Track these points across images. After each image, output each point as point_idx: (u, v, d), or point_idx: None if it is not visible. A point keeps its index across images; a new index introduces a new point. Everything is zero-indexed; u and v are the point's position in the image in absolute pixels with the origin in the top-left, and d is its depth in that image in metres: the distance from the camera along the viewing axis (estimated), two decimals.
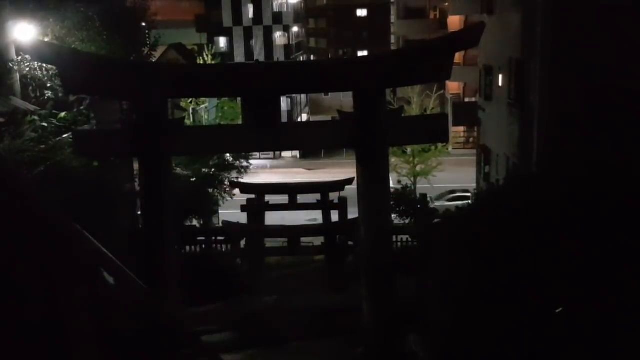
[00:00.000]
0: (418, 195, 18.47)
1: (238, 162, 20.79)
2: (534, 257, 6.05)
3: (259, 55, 47.40)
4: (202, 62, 34.47)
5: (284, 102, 42.60)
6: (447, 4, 43.88)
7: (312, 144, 13.96)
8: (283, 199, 16.92)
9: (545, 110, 13.00)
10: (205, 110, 32.33)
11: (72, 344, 2.66)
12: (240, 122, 11.79)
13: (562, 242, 5.93)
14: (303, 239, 15.41)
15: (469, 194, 29.44)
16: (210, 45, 39.58)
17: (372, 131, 9.56)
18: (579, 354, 5.21)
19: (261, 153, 36.71)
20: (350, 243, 14.92)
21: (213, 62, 34.57)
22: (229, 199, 19.37)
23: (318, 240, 16.15)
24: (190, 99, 28.44)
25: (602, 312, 5.17)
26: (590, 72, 12.02)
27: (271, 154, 40.92)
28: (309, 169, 40.13)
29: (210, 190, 18.60)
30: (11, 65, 12.77)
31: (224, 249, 15.55)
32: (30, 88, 13.28)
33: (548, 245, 6.05)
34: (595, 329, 5.13)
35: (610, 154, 8.24)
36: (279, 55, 47.62)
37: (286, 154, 42.66)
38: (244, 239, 15.49)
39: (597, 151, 10.17)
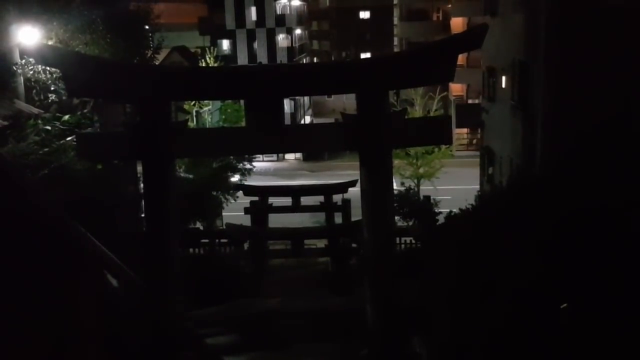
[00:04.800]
0: (421, 197, 18.46)
1: (241, 164, 20.79)
2: (533, 258, 6.04)
3: (262, 57, 47.42)
4: (205, 65, 34.51)
5: (287, 104, 42.60)
6: (450, 5, 43.91)
7: (315, 146, 13.91)
8: (286, 201, 16.93)
9: (549, 111, 12.95)
10: (208, 113, 32.33)
11: (76, 344, 2.66)
12: (243, 124, 11.81)
13: (560, 242, 5.93)
14: (306, 241, 15.41)
15: None
16: (213, 47, 39.61)
17: (375, 133, 9.55)
18: (579, 353, 5.20)
19: (264, 155, 36.71)
20: (353, 245, 14.92)
21: (216, 65, 34.59)
22: (232, 201, 19.40)
23: (322, 243, 16.15)
24: (194, 102, 28.48)
25: (601, 310, 5.16)
26: (594, 73, 11.99)
27: (274, 156, 40.92)
28: (312, 171, 40.14)
29: (214, 193, 18.61)
30: (15, 68, 12.80)
31: (227, 251, 15.57)
32: (34, 91, 13.31)
33: (547, 246, 6.04)
34: (593, 326, 5.12)
35: (613, 155, 8.24)
36: (282, 58, 47.60)
37: (289, 156, 42.65)
38: (248, 241, 15.51)
39: (600, 152, 10.16)
